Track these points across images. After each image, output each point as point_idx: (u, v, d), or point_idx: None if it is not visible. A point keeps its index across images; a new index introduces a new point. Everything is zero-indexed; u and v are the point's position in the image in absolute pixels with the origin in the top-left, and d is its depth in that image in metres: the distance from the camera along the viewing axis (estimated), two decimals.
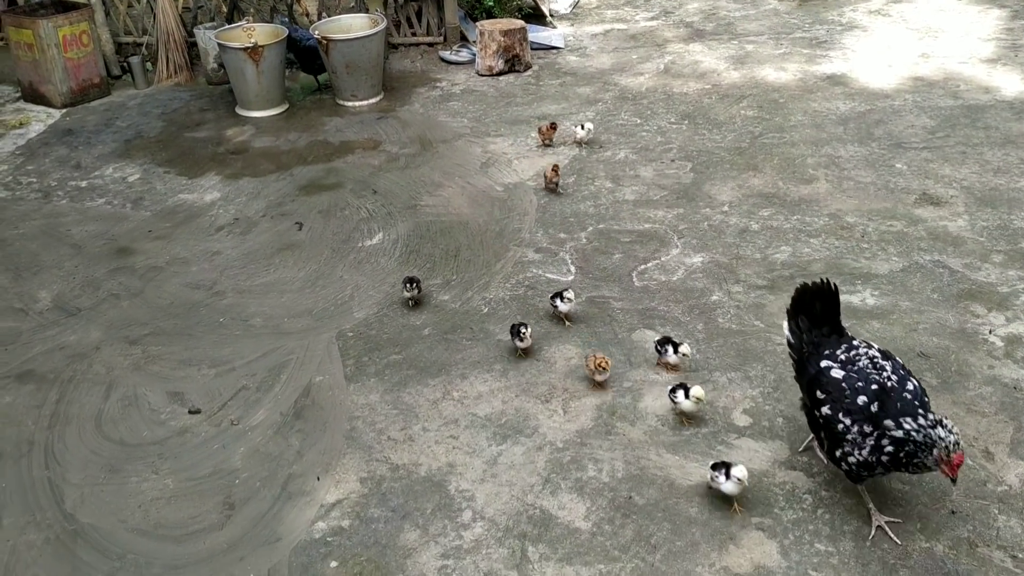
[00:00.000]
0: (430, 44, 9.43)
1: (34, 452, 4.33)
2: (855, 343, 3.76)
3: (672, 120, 7.61)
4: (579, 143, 7.04)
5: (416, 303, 5.21)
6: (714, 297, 5.22)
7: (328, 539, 3.78)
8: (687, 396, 4.17)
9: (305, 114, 8.26)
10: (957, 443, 3.26)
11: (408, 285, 5.13)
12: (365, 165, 7.13)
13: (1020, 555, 3.52)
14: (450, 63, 9.14)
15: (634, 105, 7.96)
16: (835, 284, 3.89)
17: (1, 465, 4.26)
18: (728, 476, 3.71)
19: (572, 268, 5.59)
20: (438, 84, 8.74)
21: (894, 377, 3.52)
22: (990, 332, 4.80)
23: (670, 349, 4.56)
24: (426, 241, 5.98)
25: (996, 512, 3.72)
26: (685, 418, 4.26)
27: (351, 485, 4.05)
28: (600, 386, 4.50)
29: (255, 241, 6.10)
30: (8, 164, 7.42)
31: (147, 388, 4.73)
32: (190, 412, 4.54)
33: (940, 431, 3.28)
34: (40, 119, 8.30)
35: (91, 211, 6.62)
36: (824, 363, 3.70)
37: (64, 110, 8.45)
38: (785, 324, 3.97)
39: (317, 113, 8.26)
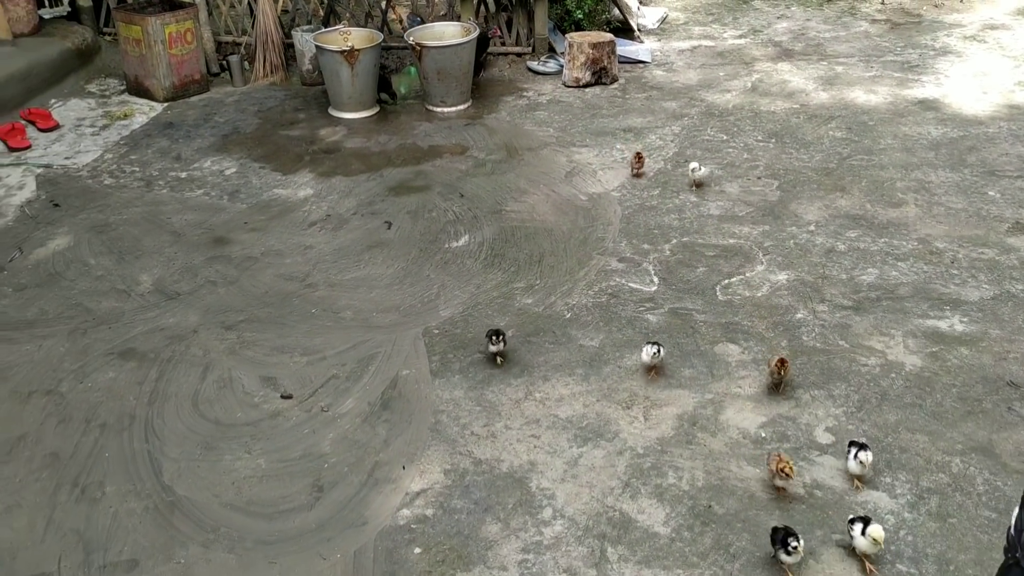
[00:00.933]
0: (519, 54, 9.57)
1: (135, 426, 4.54)
2: None
3: (759, 138, 7.60)
4: (695, 184, 6.74)
5: (503, 358, 4.81)
6: (799, 315, 5.21)
7: (412, 526, 3.89)
8: (863, 533, 3.53)
9: (395, 118, 8.46)
10: None
11: (493, 338, 4.75)
12: (452, 169, 7.28)
13: None
14: (537, 73, 9.27)
15: (720, 121, 7.97)
16: None
17: (104, 436, 4.47)
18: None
19: (655, 279, 5.63)
20: (525, 93, 8.87)
21: None
22: None
23: (852, 452, 3.93)
24: (511, 245, 6.09)
25: None
26: (864, 558, 3.60)
27: (435, 476, 4.16)
28: (779, 490, 3.92)
29: (346, 237, 6.29)
30: (113, 153, 7.77)
31: (241, 372, 4.91)
32: (282, 397, 4.71)
33: None
34: (143, 111, 8.66)
35: (190, 201, 6.89)
36: None
37: (165, 104, 8.80)
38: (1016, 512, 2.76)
39: (407, 117, 8.45)
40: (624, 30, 10.11)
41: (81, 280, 5.86)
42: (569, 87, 8.90)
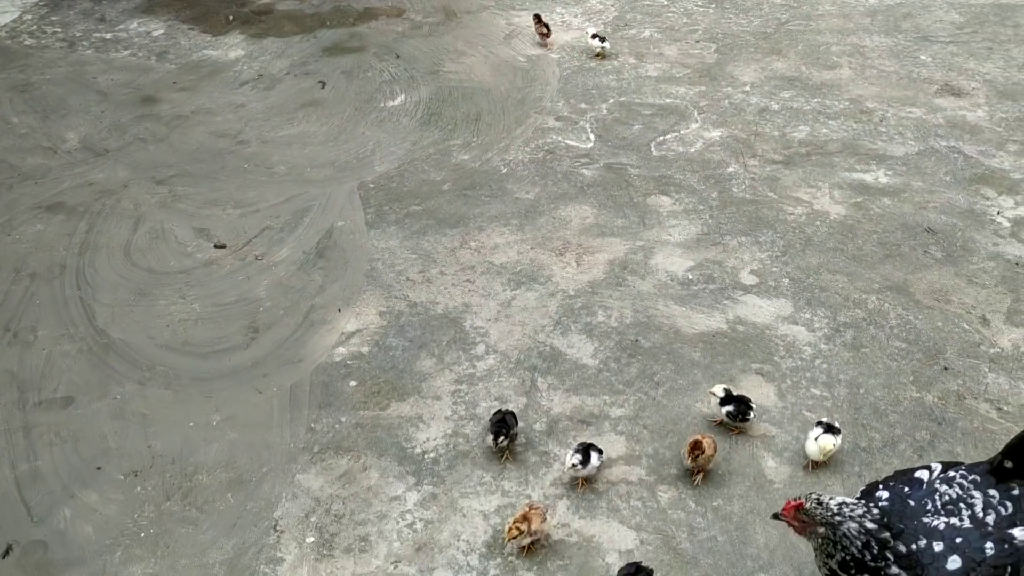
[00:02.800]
0: None
1: (66, 275, 4.50)
2: None
3: (699, 3, 7.55)
4: (598, 55, 6.58)
5: (509, 455, 3.49)
6: (730, 169, 5.30)
7: (348, 362, 3.96)
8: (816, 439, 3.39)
9: None
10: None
11: (498, 436, 3.41)
12: (389, 31, 7.12)
13: (1005, 408, 3.69)
14: None
15: None
16: None
17: (35, 284, 4.43)
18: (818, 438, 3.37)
19: (591, 136, 5.65)
20: None
21: None
22: (998, 213, 4.89)
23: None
24: (448, 105, 6.03)
25: (986, 370, 3.88)
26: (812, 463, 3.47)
27: (370, 318, 4.22)
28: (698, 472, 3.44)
29: (279, 96, 6.16)
30: (33, 14, 7.43)
31: (174, 223, 4.87)
32: (216, 246, 4.69)
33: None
34: None
35: (116, 62, 6.66)
36: None
37: None
38: None
39: None
40: None
41: (4, 138, 5.69)
42: None
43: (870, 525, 2.48)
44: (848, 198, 5.02)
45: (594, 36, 6.51)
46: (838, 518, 2.50)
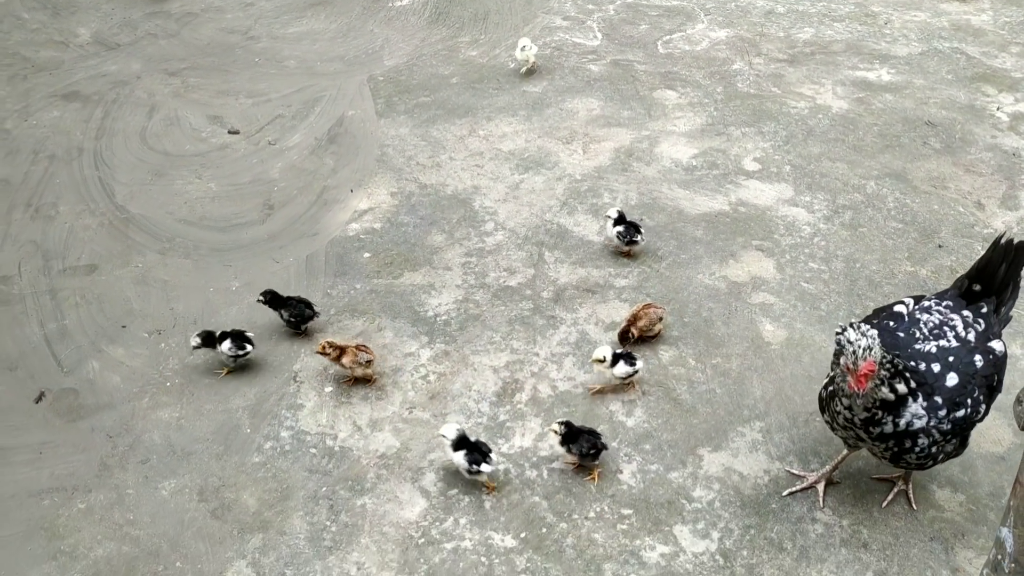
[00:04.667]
0: None
1: (84, 156, 4.60)
2: None
3: None
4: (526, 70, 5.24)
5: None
6: (735, 66, 5.37)
7: (361, 236, 4.09)
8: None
9: None
10: (869, 348, 2.51)
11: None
12: None
13: None
14: None
15: None
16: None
17: (54, 165, 4.54)
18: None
19: (598, 35, 5.71)
20: None
21: None
22: (998, 109, 4.97)
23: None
24: (455, 5, 6.07)
25: (979, 248, 4.00)
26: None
27: (382, 197, 4.34)
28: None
29: None
30: None
31: (187, 111, 4.96)
32: (229, 132, 4.79)
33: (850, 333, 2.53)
34: None
35: None
36: None
37: None
38: None
39: None
40: None
41: (16, 32, 5.73)
42: None
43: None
44: (850, 94, 5.10)
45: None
46: (904, 395, 2.56)
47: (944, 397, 2.64)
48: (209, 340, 3.34)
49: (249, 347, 3.35)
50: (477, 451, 2.94)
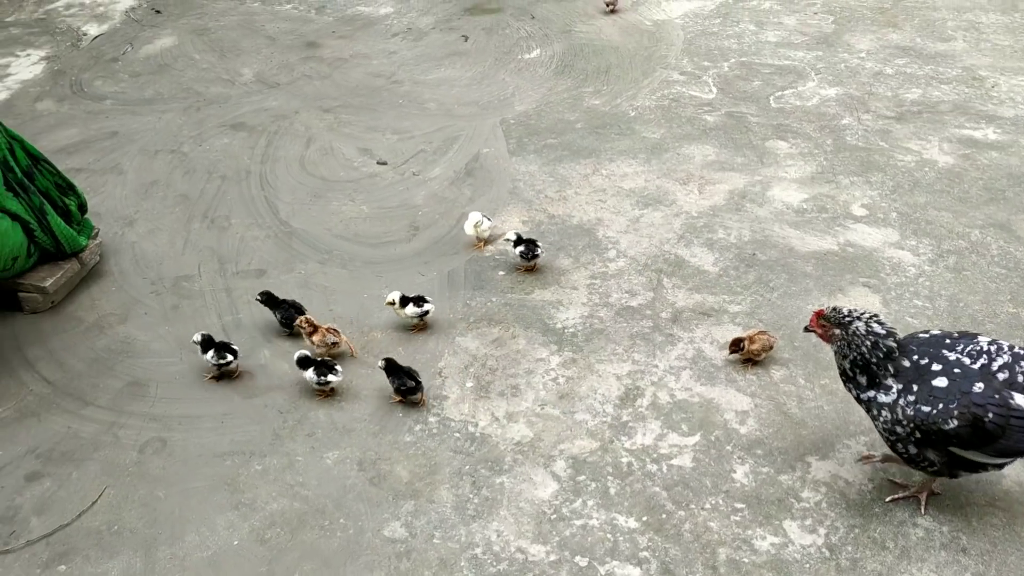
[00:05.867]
0: None
1: (251, 178, 5.20)
2: None
3: None
4: (480, 241, 4.63)
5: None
6: (844, 121, 5.69)
7: (496, 256, 4.53)
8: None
9: None
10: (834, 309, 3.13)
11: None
12: None
13: None
14: None
15: None
16: None
17: (225, 184, 5.14)
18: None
19: (713, 89, 6.11)
20: None
21: None
22: None
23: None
24: (579, 59, 6.57)
25: None
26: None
27: (514, 224, 4.78)
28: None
29: (426, 47, 6.80)
30: None
31: (340, 143, 5.53)
32: (378, 163, 5.33)
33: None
34: None
35: (280, 13, 7.41)
36: None
37: None
38: None
39: None
40: None
41: (189, 71, 6.46)
42: None
43: (877, 329, 2.99)
44: (956, 150, 5.36)
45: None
46: (847, 319, 3.04)
47: (922, 390, 2.90)
48: (208, 344, 3.74)
49: (230, 356, 3.73)
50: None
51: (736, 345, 3.79)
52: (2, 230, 3.76)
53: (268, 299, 4.07)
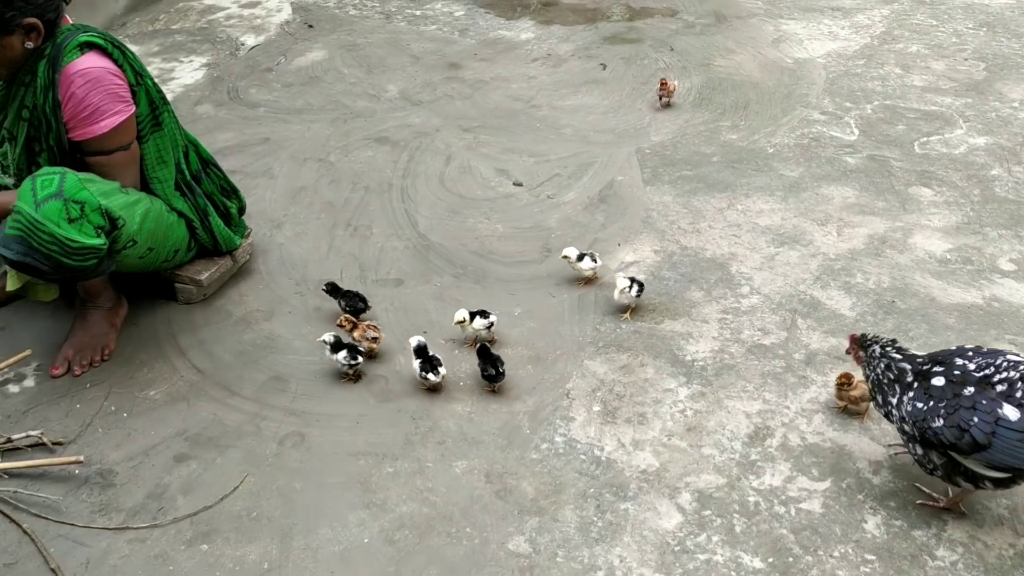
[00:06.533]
0: None
1: (393, 191, 5.39)
2: None
3: (969, 26, 7.68)
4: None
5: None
6: (993, 172, 5.50)
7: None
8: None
9: None
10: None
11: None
12: (663, 28, 7.75)
13: None
14: None
15: (931, 8, 8.06)
16: None
17: (368, 195, 5.35)
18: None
19: (855, 130, 6.01)
20: None
21: None
22: None
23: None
24: (718, 93, 6.56)
25: None
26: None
27: (646, 253, 4.81)
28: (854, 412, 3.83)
29: (564, 73, 6.92)
30: None
31: (478, 163, 5.68)
32: (514, 184, 5.45)
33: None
34: None
35: (425, 33, 7.67)
36: None
37: None
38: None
39: None
40: None
41: (337, 84, 6.75)
42: None
43: (893, 354, 3.25)
44: None
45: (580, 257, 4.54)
46: (868, 342, 3.35)
47: (920, 387, 3.10)
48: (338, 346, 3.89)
49: (361, 359, 3.91)
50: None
51: (845, 381, 3.70)
52: (170, 223, 4.00)
53: (332, 289, 4.29)
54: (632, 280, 4.26)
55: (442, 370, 3.85)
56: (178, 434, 3.71)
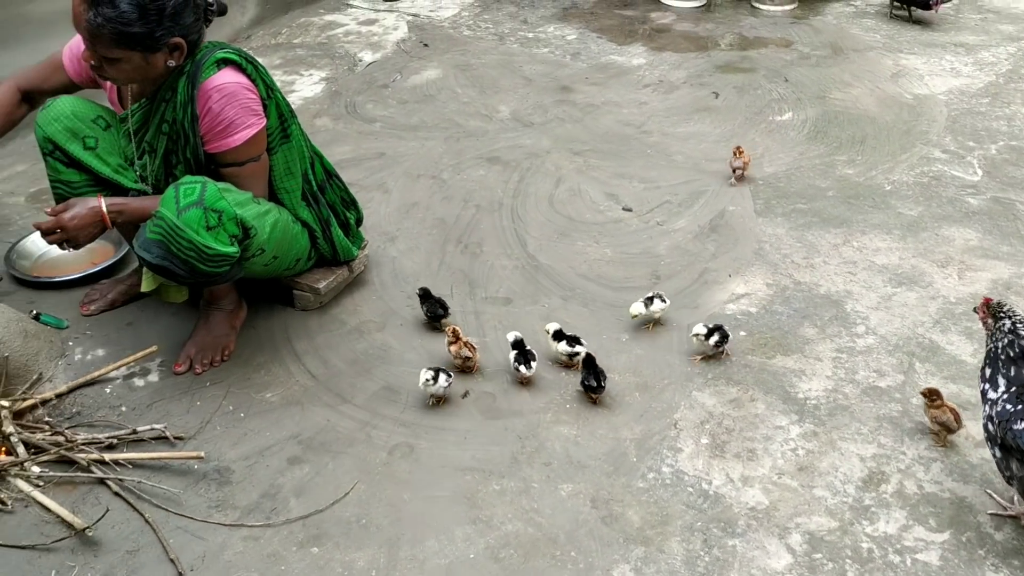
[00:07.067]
0: None
1: (503, 210, 5.45)
2: None
3: None
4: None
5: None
6: None
7: (738, 316, 4.51)
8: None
9: (721, 10, 8.90)
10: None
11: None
12: (777, 58, 7.66)
13: None
14: None
15: None
16: None
17: (479, 213, 5.42)
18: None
19: (979, 171, 5.82)
20: (853, 2, 8.99)
21: None
22: None
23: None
24: (833, 126, 6.45)
25: None
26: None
27: (757, 286, 4.74)
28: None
29: (676, 100, 6.90)
30: (469, 12, 8.79)
31: (588, 186, 5.70)
32: (623, 209, 5.45)
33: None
34: None
35: (538, 56, 7.76)
36: None
37: None
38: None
39: (732, 11, 8.86)
40: None
41: (451, 103, 6.88)
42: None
43: (1022, 331, 3.11)
44: None
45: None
46: (1002, 313, 3.20)
47: (1015, 388, 3.07)
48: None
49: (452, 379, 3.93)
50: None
51: (932, 396, 3.68)
52: (295, 233, 4.12)
53: (424, 294, 4.41)
54: (714, 329, 4.13)
55: (535, 364, 4.00)
56: (292, 437, 3.81)
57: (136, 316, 4.53)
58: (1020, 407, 3.03)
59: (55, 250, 4.74)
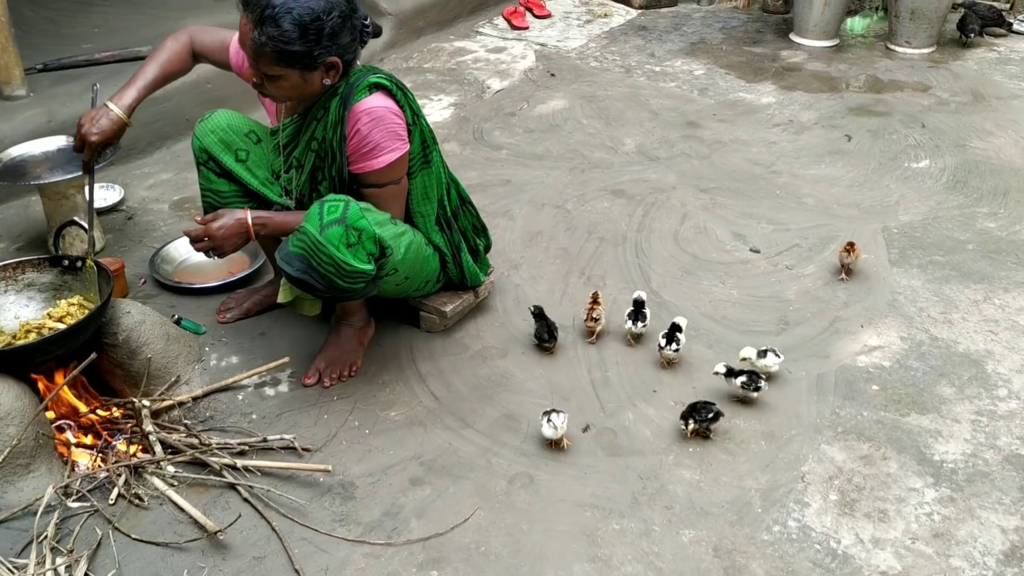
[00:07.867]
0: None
1: (627, 244, 5.43)
2: None
3: None
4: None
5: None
6: None
7: (870, 369, 4.36)
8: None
9: (854, 51, 8.69)
10: None
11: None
12: (913, 103, 7.43)
13: None
14: (1015, 33, 8.96)
15: None
16: None
17: (603, 246, 5.41)
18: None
19: None
20: (996, 48, 8.66)
21: None
22: None
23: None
24: (974, 176, 6.21)
25: None
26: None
27: (891, 338, 4.58)
28: None
29: (807, 141, 6.76)
30: (596, 43, 8.84)
31: (714, 225, 5.63)
32: (751, 250, 5.35)
33: None
34: (620, 14, 9.67)
35: (664, 90, 7.73)
36: None
37: (639, 11, 9.75)
38: None
39: (866, 52, 8.65)
40: None
41: (576, 134, 6.91)
42: None
43: None
44: None
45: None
46: None
47: None
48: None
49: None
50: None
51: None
52: (427, 256, 4.20)
53: (539, 313, 4.47)
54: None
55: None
56: (414, 457, 3.86)
57: (269, 327, 4.68)
58: None
59: (195, 257, 4.96)
